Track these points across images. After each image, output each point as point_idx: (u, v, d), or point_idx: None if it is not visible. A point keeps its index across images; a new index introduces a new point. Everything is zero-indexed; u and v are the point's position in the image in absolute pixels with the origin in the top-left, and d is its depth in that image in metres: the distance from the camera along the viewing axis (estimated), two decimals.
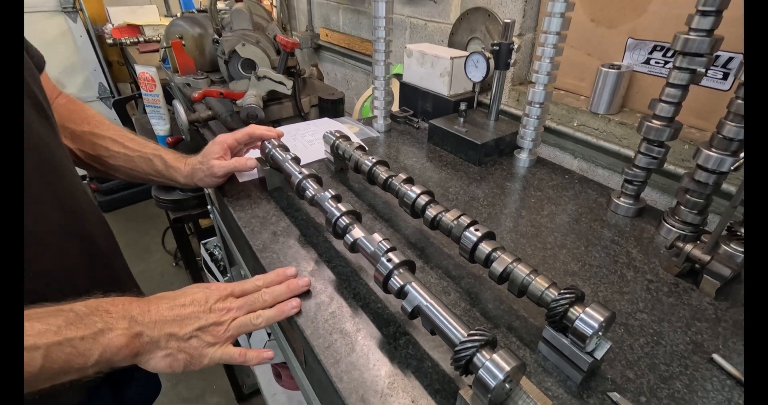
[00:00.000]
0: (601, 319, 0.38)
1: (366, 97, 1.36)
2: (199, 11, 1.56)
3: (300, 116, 1.27)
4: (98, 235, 0.61)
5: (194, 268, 1.71)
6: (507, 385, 0.36)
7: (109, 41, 2.38)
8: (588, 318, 0.39)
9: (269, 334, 1.19)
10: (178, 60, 1.40)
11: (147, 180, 0.74)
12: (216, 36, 1.37)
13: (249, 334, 1.28)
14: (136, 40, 2.36)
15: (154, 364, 0.45)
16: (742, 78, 0.50)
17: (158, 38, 2.40)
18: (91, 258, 0.58)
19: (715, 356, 0.45)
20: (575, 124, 0.88)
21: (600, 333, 0.40)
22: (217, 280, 1.57)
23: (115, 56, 2.87)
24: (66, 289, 0.51)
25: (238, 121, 1.16)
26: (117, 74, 2.95)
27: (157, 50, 2.20)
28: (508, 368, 0.34)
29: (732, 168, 0.54)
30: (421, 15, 1.20)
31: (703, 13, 0.53)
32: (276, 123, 1.24)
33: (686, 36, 0.55)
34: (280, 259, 0.59)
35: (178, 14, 2.25)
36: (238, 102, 1.11)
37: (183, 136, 1.24)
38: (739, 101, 0.52)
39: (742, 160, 0.52)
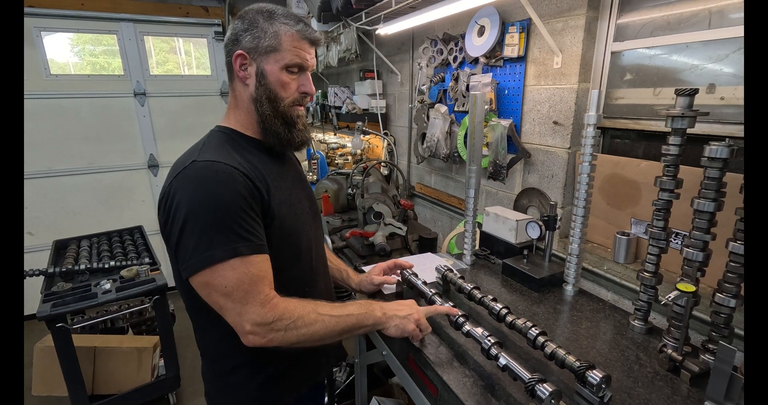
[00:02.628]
0: (600, 375, 0.77)
1: (452, 236, 1.89)
2: (338, 174, 2.32)
3: (406, 248, 1.82)
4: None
5: None
6: (552, 401, 0.74)
7: None
8: (594, 374, 0.78)
9: None
10: (324, 206, 2.07)
11: (335, 282, 1.26)
12: (350, 191, 2.05)
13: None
14: None
15: (388, 330, 0.99)
16: (682, 247, 0.93)
17: None
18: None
19: None
20: (605, 268, 1.30)
21: (603, 385, 0.78)
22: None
23: None
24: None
25: (366, 250, 1.72)
26: None
27: None
28: (551, 389, 0.73)
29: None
30: (495, 187, 1.78)
31: (657, 218, 0.99)
32: (389, 253, 1.79)
33: (651, 229, 1.01)
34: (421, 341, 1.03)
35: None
36: (370, 239, 1.69)
37: None
38: (685, 267, 0.94)
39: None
